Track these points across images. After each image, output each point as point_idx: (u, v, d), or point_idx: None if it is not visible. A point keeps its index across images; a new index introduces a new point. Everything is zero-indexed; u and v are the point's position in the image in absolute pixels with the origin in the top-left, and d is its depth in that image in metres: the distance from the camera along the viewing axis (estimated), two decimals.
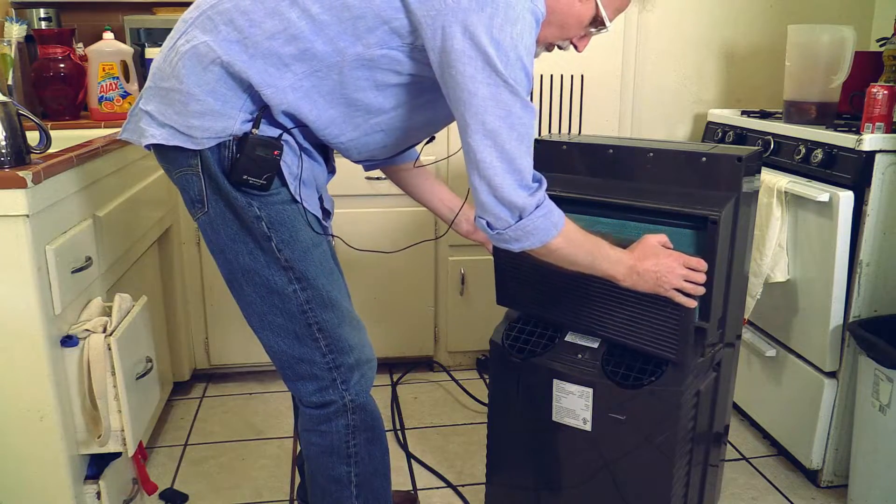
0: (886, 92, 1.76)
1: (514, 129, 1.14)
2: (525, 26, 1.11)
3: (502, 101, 1.12)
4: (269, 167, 1.19)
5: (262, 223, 1.23)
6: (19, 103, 2.15)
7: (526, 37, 1.11)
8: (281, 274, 1.25)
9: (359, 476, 1.37)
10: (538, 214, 1.20)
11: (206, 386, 2.56)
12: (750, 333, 2.18)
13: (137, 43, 2.38)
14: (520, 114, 1.14)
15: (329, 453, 1.35)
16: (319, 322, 1.28)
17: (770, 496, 1.95)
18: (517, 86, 1.12)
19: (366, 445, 1.36)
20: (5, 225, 1.29)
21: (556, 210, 1.24)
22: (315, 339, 1.29)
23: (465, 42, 1.09)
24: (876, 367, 1.70)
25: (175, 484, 1.99)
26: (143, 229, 1.97)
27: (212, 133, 1.19)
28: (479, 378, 2.60)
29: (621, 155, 1.56)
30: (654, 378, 1.45)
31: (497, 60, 1.09)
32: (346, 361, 1.31)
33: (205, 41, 1.16)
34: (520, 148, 1.16)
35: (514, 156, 1.15)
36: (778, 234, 1.97)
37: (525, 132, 1.15)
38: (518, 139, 1.15)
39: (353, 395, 1.32)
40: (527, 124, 1.15)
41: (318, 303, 1.28)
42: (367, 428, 1.36)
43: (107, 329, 1.48)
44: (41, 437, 1.40)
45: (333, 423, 1.33)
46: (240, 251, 1.25)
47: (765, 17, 2.58)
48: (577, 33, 1.27)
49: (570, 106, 2.51)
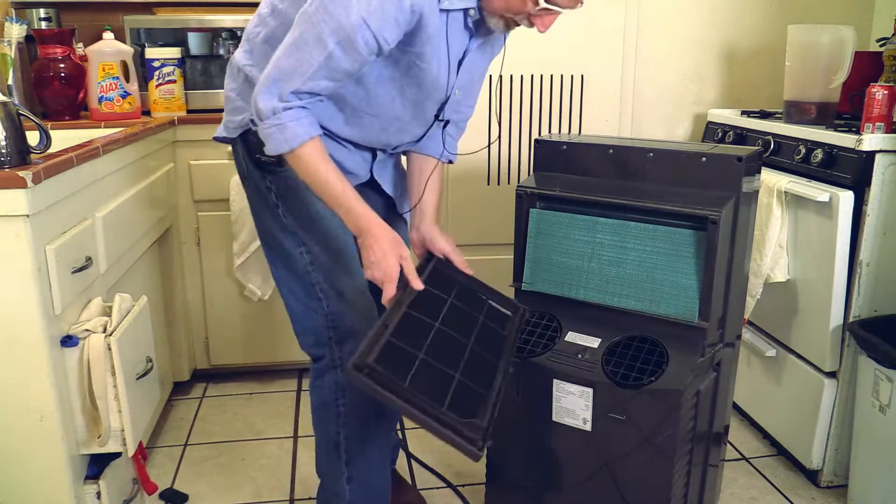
0: (886, 92, 1.76)
1: (301, 37, 1.22)
2: None
3: (303, 25, 1.22)
4: None
5: (272, 193, 1.44)
6: (19, 103, 2.16)
7: None
8: (289, 237, 1.44)
9: (348, 440, 1.47)
10: (271, 122, 1.27)
11: (206, 386, 2.56)
12: (750, 333, 2.18)
13: (137, 43, 2.38)
14: (309, 40, 1.21)
15: (323, 408, 1.48)
16: (320, 284, 1.44)
17: (770, 496, 1.95)
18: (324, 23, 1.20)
19: (353, 407, 1.45)
20: (5, 225, 1.29)
21: (294, 128, 1.28)
22: (318, 299, 1.44)
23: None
24: (876, 367, 1.70)
25: (175, 484, 1.99)
26: (143, 229, 1.97)
27: (239, 124, 1.45)
28: None
29: (621, 155, 1.56)
30: (654, 378, 1.45)
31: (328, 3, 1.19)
32: (342, 324, 1.44)
33: (236, 54, 1.46)
34: (292, 53, 1.24)
35: (281, 58, 1.25)
36: (778, 234, 1.97)
37: (306, 45, 1.22)
38: (296, 48, 1.23)
39: (344, 355, 1.43)
40: (308, 49, 1.22)
41: (320, 266, 1.44)
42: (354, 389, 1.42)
43: (107, 329, 1.48)
44: (41, 437, 1.40)
45: (325, 378, 1.46)
46: (263, 217, 1.48)
47: (765, 17, 2.58)
48: (522, 7, 1.24)
49: (570, 106, 2.51)
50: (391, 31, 1.22)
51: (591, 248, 1.58)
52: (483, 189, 2.51)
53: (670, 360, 1.46)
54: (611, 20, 2.46)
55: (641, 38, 2.52)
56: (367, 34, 1.20)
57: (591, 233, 1.57)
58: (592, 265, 1.58)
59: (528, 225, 1.65)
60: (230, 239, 2.38)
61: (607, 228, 1.55)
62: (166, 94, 2.34)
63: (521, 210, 1.65)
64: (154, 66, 2.31)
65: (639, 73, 2.55)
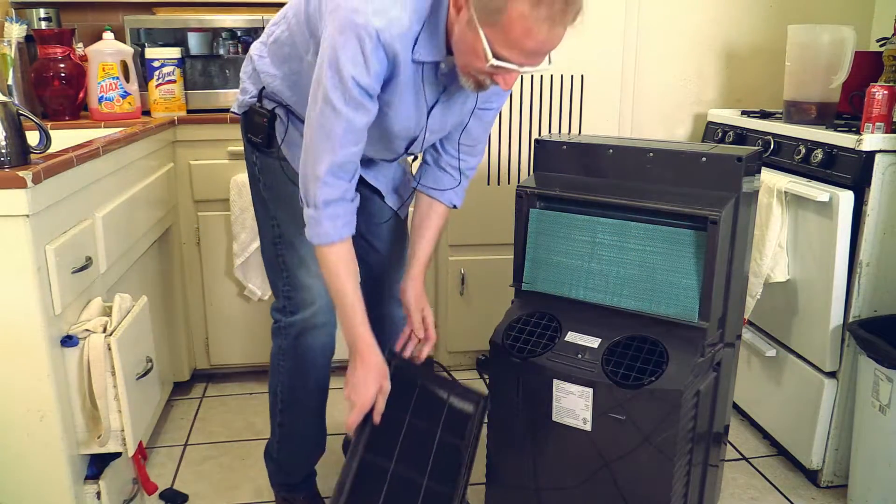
0: (886, 92, 1.76)
1: (322, 127, 1.33)
2: (346, 36, 1.27)
3: (318, 100, 1.33)
4: (263, 130, 1.56)
5: (256, 167, 1.62)
6: (19, 103, 2.16)
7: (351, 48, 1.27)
8: (264, 209, 1.63)
9: (283, 393, 1.69)
10: (308, 212, 1.40)
11: (206, 386, 2.56)
12: (750, 333, 2.18)
13: (137, 43, 2.38)
14: (329, 113, 1.32)
15: (272, 359, 1.69)
16: (284, 256, 1.60)
17: (770, 496, 1.95)
18: (333, 89, 1.30)
19: (290, 375, 1.67)
20: (5, 225, 1.29)
21: (328, 230, 1.39)
22: (280, 270, 1.62)
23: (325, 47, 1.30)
24: (876, 367, 1.70)
25: (175, 484, 1.99)
26: (143, 229, 1.97)
27: (242, 103, 1.62)
28: (479, 378, 2.60)
29: (621, 155, 1.56)
30: (654, 378, 1.45)
31: (327, 69, 1.29)
32: (296, 296, 1.61)
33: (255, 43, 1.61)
34: (322, 142, 1.34)
35: (315, 145, 1.35)
36: (778, 234, 1.97)
37: (331, 132, 1.33)
38: (325, 136, 1.34)
39: (289, 324, 1.62)
40: (335, 125, 1.32)
41: (285, 243, 1.60)
42: (292, 359, 1.64)
43: (107, 329, 1.48)
44: (41, 437, 1.40)
45: (275, 339, 1.67)
46: (251, 188, 1.67)
47: (765, 17, 2.58)
48: (480, 65, 1.25)
49: (570, 106, 2.51)
50: (376, 82, 1.32)
51: (591, 248, 1.58)
52: (483, 189, 2.51)
53: (670, 360, 1.46)
54: (611, 20, 2.46)
55: (641, 38, 2.52)
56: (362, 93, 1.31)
57: (591, 233, 1.57)
58: (592, 265, 1.58)
59: (528, 225, 1.65)
60: (230, 239, 2.38)
61: (607, 228, 1.55)
62: (166, 94, 2.34)
63: (521, 210, 1.65)
64: (154, 66, 2.31)
65: (639, 74, 2.55)
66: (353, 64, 1.27)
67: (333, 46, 1.28)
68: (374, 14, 1.25)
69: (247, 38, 2.45)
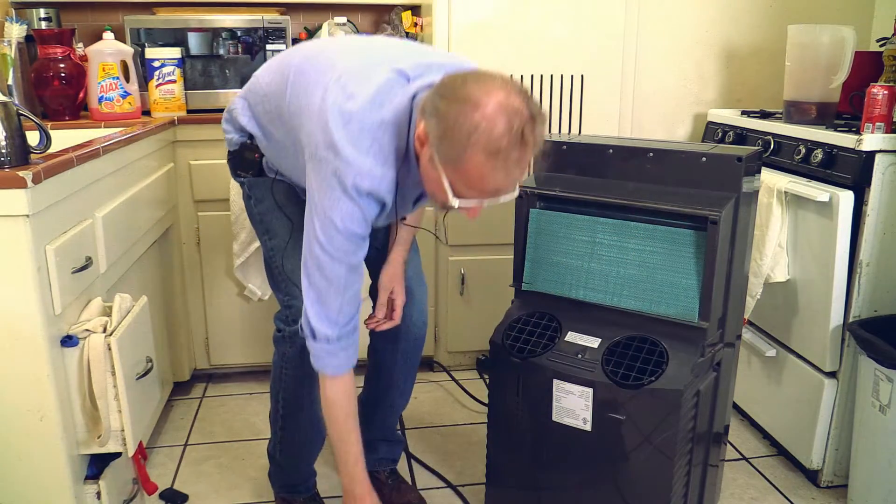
0: (886, 92, 1.76)
1: (322, 273, 1.37)
2: (336, 195, 1.31)
3: (313, 247, 1.36)
4: (253, 165, 1.62)
5: (245, 185, 1.66)
6: (19, 103, 2.16)
7: (341, 205, 1.31)
8: (259, 223, 1.66)
9: (285, 400, 1.69)
10: (320, 346, 1.43)
11: (206, 386, 2.56)
12: (750, 333, 2.18)
13: (137, 43, 2.38)
14: (327, 262, 1.35)
15: (274, 366, 1.69)
16: (282, 267, 1.62)
17: (770, 496, 1.95)
18: (326, 241, 1.34)
19: (293, 383, 1.65)
20: (5, 225, 1.29)
21: (327, 362, 1.44)
22: (280, 280, 1.63)
23: (312, 196, 1.34)
24: (876, 367, 1.70)
25: (175, 484, 1.99)
26: (143, 229, 1.97)
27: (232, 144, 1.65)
28: (479, 378, 2.60)
29: (621, 155, 1.56)
30: (654, 378, 1.45)
31: (317, 221, 1.34)
32: (297, 304, 1.58)
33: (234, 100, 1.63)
34: (327, 287, 1.38)
35: (319, 290, 1.39)
36: (778, 234, 1.97)
37: (333, 278, 1.37)
38: (326, 281, 1.37)
39: (292, 333, 1.59)
40: (333, 270, 1.36)
41: (279, 252, 1.62)
42: (295, 367, 1.62)
43: (107, 329, 1.48)
44: (41, 437, 1.40)
45: (278, 346, 1.66)
46: (245, 202, 1.70)
47: (765, 17, 2.58)
48: (444, 199, 1.28)
49: (570, 106, 2.51)
50: (367, 226, 1.36)
51: (591, 248, 1.58)
52: None
53: (670, 360, 1.46)
54: (611, 20, 2.46)
55: (641, 38, 2.52)
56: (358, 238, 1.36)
57: (591, 233, 1.57)
58: (592, 265, 1.58)
59: (528, 225, 1.65)
60: (230, 239, 2.38)
61: (607, 228, 1.55)
62: (166, 94, 2.34)
63: (521, 210, 1.65)
64: (154, 66, 2.31)
65: (639, 73, 2.55)
66: (350, 220, 1.32)
67: (324, 206, 1.31)
68: (359, 176, 1.29)
69: (247, 38, 2.45)
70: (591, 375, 1.51)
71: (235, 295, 2.46)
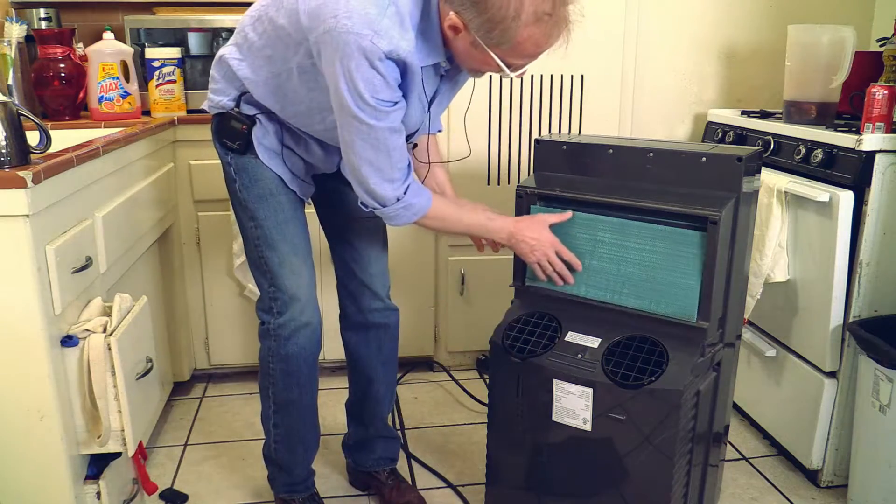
0: (886, 92, 1.76)
1: (365, 141, 1.37)
2: (360, 62, 1.29)
3: (349, 121, 1.36)
4: (240, 136, 1.55)
5: (231, 168, 1.60)
6: (19, 103, 2.16)
7: (364, 70, 1.29)
8: (243, 211, 1.61)
9: (276, 395, 1.69)
10: (398, 206, 1.46)
11: (206, 386, 2.56)
12: (750, 333, 2.18)
13: (137, 43, 2.38)
14: (366, 130, 1.36)
15: (262, 363, 1.68)
16: (266, 258, 1.60)
17: (770, 496, 1.95)
18: (359, 110, 1.33)
19: (282, 376, 1.65)
20: (5, 225, 1.29)
21: (418, 202, 1.48)
22: (264, 270, 1.61)
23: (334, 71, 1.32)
24: (876, 367, 1.70)
25: (175, 484, 1.99)
26: (143, 229, 1.97)
27: (216, 105, 1.58)
28: (479, 378, 2.60)
29: (621, 155, 1.56)
30: (654, 378, 1.45)
31: (346, 93, 1.32)
32: (281, 297, 1.60)
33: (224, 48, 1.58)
34: (374, 154, 1.39)
35: (369, 159, 1.40)
36: (778, 234, 1.97)
37: (377, 142, 1.38)
38: (372, 148, 1.38)
39: (278, 326, 1.61)
40: (378, 137, 1.37)
41: (265, 242, 1.59)
42: (283, 360, 1.63)
43: (107, 329, 1.48)
44: (41, 437, 1.40)
45: (264, 341, 1.66)
46: (229, 187, 1.64)
47: (765, 17, 2.58)
48: (498, 71, 1.34)
49: (570, 106, 2.51)
50: (397, 90, 1.36)
51: (592, 246, 1.58)
52: (483, 189, 2.51)
53: (670, 360, 1.46)
54: (611, 20, 2.46)
55: (641, 38, 2.52)
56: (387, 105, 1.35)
57: (592, 230, 1.57)
58: (593, 262, 1.58)
59: None
60: (230, 239, 2.38)
61: (608, 227, 1.55)
62: (166, 94, 2.34)
63: (521, 210, 1.65)
64: (154, 66, 2.31)
65: (639, 73, 2.55)
66: (373, 84, 1.31)
67: (347, 72, 1.30)
68: (377, 37, 1.28)
69: None
70: (591, 375, 1.51)
71: (235, 295, 2.46)
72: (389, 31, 1.28)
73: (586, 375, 1.51)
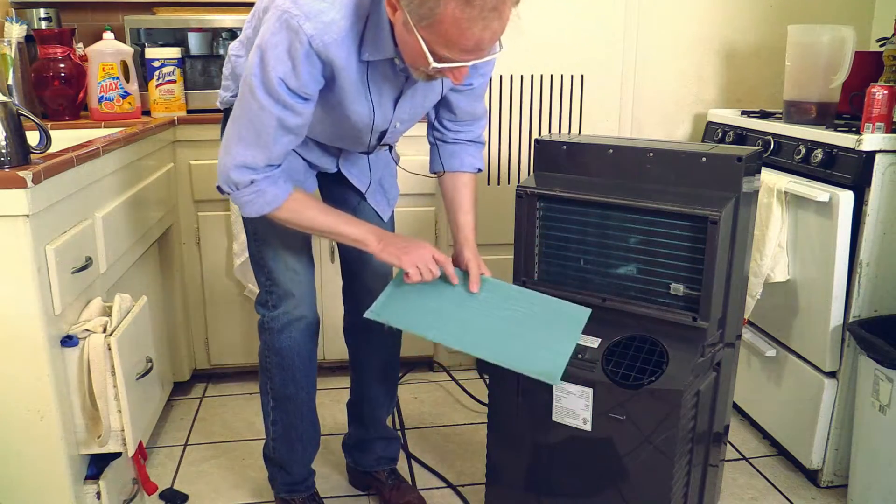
0: (886, 92, 1.76)
1: (252, 122, 1.34)
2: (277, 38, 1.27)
3: (246, 96, 1.33)
4: None
5: None
6: (19, 103, 2.16)
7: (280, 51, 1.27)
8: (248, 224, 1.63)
9: (273, 390, 1.70)
10: (247, 191, 1.40)
11: (206, 386, 2.56)
12: (750, 333, 2.18)
13: (137, 43, 2.38)
14: (257, 109, 1.32)
15: (260, 357, 1.70)
16: (262, 252, 1.63)
17: (770, 496, 1.95)
18: (257, 87, 1.30)
19: (278, 370, 1.67)
20: (5, 225, 1.29)
21: (272, 192, 1.41)
22: (261, 265, 1.64)
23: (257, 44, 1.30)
24: (876, 367, 1.70)
25: (175, 484, 1.99)
26: (143, 229, 1.97)
27: (223, 100, 1.62)
28: (479, 378, 2.60)
29: (621, 155, 1.56)
30: (654, 378, 1.45)
31: (256, 66, 1.29)
32: (277, 291, 1.63)
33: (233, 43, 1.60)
34: (243, 135, 1.36)
35: (234, 139, 1.37)
36: (778, 234, 1.97)
37: (262, 126, 1.34)
38: (245, 127, 1.35)
39: (271, 318, 1.63)
40: (264, 121, 1.33)
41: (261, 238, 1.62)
42: (277, 354, 1.65)
43: (107, 329, 1.48)
44: (41, 437, 1.40)
45: (261, 335, 1.68)
46: None
47: (765, 17, 2.58)
48: (424, 65, 1.23)
49: (570, 106, 2.51)
50: (308, 86, 1.31)
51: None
52: (483, 189, 2.51)
53: (670, 360, 1.46)
54: (611, 20, 2.46)
55: (641, 38, 2.52)
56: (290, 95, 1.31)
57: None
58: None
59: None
60: (230, 239, 2.38)
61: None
62: (166, 94, 2.34)
63: (521, 209, 1.65)
64: (154, 66, 2.31)
65: (639, 73, 2.55)
66: (282, 65, 1.27)
67: (264, 44, 1.27)
68: (307, 18, 1.24)
69: None
70: (591, 375, 1.50)
71: (235, 295, 2.46)
72: (323, 13, 1.25)
73: (586, 375, 1.51)
